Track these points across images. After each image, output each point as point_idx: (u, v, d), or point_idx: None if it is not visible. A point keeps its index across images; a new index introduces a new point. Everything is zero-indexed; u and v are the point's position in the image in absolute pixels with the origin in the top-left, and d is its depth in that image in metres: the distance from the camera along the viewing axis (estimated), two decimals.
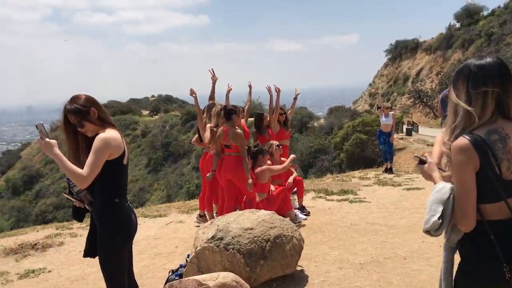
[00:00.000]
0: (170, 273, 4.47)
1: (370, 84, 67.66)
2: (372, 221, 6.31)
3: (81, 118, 2.86)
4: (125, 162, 2.96)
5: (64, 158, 2.73)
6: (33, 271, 5.24)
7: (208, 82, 6.79)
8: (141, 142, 60.42)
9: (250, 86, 6.97)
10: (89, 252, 3.13)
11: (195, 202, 8.60)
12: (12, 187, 56.11)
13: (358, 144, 25.18)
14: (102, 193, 2.91)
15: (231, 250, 3.99)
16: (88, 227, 3.17)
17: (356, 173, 11.40)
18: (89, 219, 3.15)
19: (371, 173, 11.10)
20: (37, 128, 2.79)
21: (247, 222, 4.21)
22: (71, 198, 2.99)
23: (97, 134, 2.86)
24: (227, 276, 3.55)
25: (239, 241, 4.04)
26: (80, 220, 3.19)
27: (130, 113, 66.90)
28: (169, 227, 6.83)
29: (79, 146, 2.96)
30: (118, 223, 2.94)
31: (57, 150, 2.72)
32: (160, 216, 7.67)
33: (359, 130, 25.91)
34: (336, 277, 4.37)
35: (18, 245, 6.21)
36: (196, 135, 6.93)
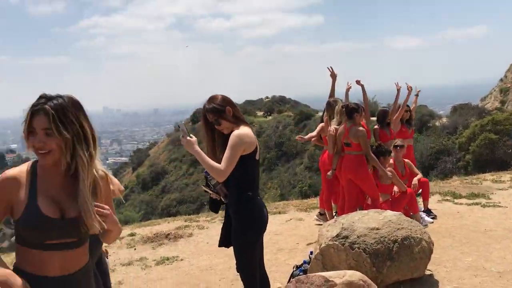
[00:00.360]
0: (294, 269, 4.54)
1: (501, 79, 61.76)
2: (510, 227, 5.76)
3: (218, 116, 3.06)
4: (257, 157, 3.09)
5: (204, 154, 2.94)
6: (167, 259, 5.70)
7: (323, 82, 6.75)
8: None
9: (361, 85, 6.64)
10: (223, 242, 3.34)
11: (312, 201, 8.63)
12: (142, 182, 61.45)
13: (487, 145, 23.11)
14: (237, 187, 3.08)
15: (356, 249, 3.94)
16: (223, 219, 3.38)
17: (488, 175, 10.48)
18: (224, 212, 3.35)
19: (506, 175, 10.12)
20: (179, 127, 3.05)
21: (372, 222, 4.11)
22: (208, 191, 3.22)
23: (232, 131, 3.02)
24: (354, 275, 3.51)
25: (364, 241, 3.96)
26: (216, 211, 3.41)
27: (246, 114, 69.22)
28: (289, 224, 6.94)
29: (215, 143, 3.16)
30: (251, 218, 3.09)
31: (197, 147, 2.95)
32: (279, 213, 7.83)
33: (489, 130, 23.75)
34: (471, 284, 4.07)
35: (154, 234, 6.80)
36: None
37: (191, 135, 2.97)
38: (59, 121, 1.72)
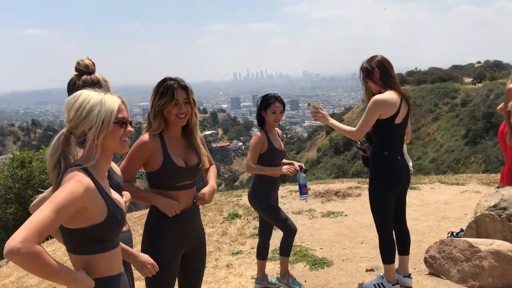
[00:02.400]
0: (449, 234, 4.54)
1: None
2: None
3: (365, 76, 3.35)
4: (397, 121, 3.27)
5: (338, 123, 3.44)
6: (333, 213, 6.19)
7: None
8: (459, 111, 57.26)
9: None
10: None
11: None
12: (334, 146, 62.91)
13: None
14: (376, 145, 3.37)
15: None
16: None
17: None
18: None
19: None
20: (309, 105, 3.49)
21: None
22: (358, 147, 3.61)
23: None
24: (503, 245, 3.43)
25: None
26: (367, 165, 3.71)
27: (451, 80, 63.87)
28: (463, 195, 6.68)
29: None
30: (383, 175, 3.38)
31: (331, 120, 3.46)
32: (457, 184, 7.53)
33: None
34: None
35: (325, 190, 7.35)
36: None
37: (320, 109, 3.39)
38: (191, 92, 2.45)
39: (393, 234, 3.55)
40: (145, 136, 2.44)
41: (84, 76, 2.26)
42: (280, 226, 3.75)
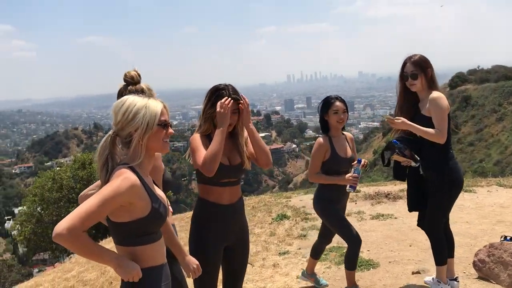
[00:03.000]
0: (502, 238, 4.38)
1: None
2: None
3: (418, 70, 3.31)
4: None
5: (417, 126, 3.25)
6: (382, 215, 6.13)
7: None
8: None
9: None
10: (414, 207, 3.61)
11: None
12: None
13: None
14: (438, 147, 3.28)
15: None
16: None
17: None
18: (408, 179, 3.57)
19: None
20: (383, 117, 3.40)
21: None
22: (400, 159, 3.38)
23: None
24: None
25: None
26: (403, 179, 3.63)
27: None
28: None
29: (404, 102, 3.45)
30: (455, 176, 3.35)
31: (408, 122, 3.28)
32: None
33: None
34: None
35: (375, 193, 7.28)
36: None
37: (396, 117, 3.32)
38: (237, 103, 2.62)
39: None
40: (196, 135, 2.65)
41: (130, 87, 2.47)
42: (343, 236, 3.57)
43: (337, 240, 5.25)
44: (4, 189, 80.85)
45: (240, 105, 2.63)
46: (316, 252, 3.98)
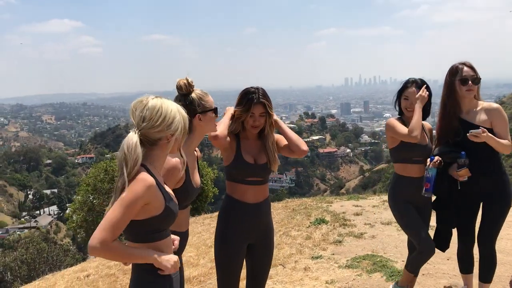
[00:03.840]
0: None
1: None
2: None
3: (477, 82, 3.21)
4: None
5: (495, 138, 3.05)
6: None
7: None
8: None
9: None
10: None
11: None
12: None
13: None
14: (496, 159, 3.21)
15: None
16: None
17: None
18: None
19: None
20: (471, 133, 3.03)
21: None
22: (464, 174, 3.11)
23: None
24: None
25: None
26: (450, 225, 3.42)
27: None
28: None
29: (452, 113, 3.33)
30: (509, 186, 3.23)
31: (489, 134, 3.02)
32: None
33: None
34: None
35: None
36: None
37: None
38: (268, 107, 2.72)
39: None
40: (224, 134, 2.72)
41: (179, 96, 2.48)
42: (413, 239, 3.32)
43: (372, 248, 5.21)
44: (67, 177, 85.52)
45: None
46: (412, 266, 3.46)
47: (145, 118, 1.84)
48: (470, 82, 3.15)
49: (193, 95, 2.47)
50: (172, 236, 2.04)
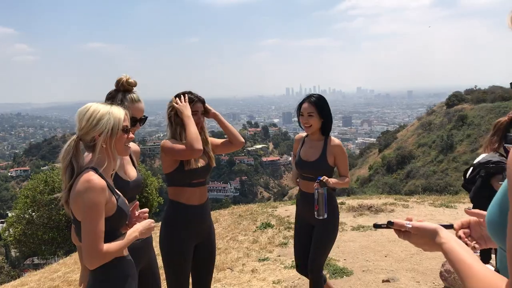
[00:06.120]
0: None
1: None
2: None
3: None
4: None
5: None
6: (363, 227, 6.31)
7: None
8: None
9: None
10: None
11: None
12: (387, 164, 61.45)
13: None
14: None
15: None
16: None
17: None
18: None
19: None
20: None
21: None
22: None
23: None
24: None
25: None
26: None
27: None
28: None
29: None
30: None
31: None
32: None
33: None
34: None
35: (359, 205, 7.46)
36: None
37: None
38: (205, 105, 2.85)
39: None
40: (167, 142, 2.78)
41: (113, 91, 2.50)
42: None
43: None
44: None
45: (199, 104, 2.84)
46: None
47: (79, 122, 1.94)
48: None
49: (128, 96, 2.44)
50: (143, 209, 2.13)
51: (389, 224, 1.27)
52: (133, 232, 1.98)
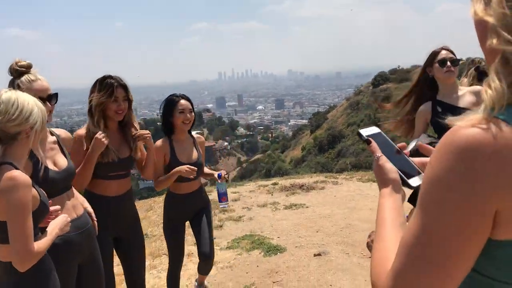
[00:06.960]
0: None
1: None
2: None
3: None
4: None
5: None
6: (295, 205, 6.51)
7: None
8: None
9: None
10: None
11: None
12: (318, 145, 63.37)
13: None
14: None
15: None
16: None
17: None
18: None
19: None
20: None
21: None
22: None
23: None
24: None
25: None
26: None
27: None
28: None
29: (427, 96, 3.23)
30: None
31: None
32: None
33: None
34: None
35: (291, 184, 7.67)
36: None
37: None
38: (129, 91, 2.72)
39: None
40: (82, 131, 2.67)
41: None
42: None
43: (250, 229, 5.55)
44: None
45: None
46: None
47: (0, 112, 1.74)
48: (448, 63, 3.01)
49: (22, 78, 2.19)
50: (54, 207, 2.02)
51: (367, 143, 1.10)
52: (53, 229, 1.91)
